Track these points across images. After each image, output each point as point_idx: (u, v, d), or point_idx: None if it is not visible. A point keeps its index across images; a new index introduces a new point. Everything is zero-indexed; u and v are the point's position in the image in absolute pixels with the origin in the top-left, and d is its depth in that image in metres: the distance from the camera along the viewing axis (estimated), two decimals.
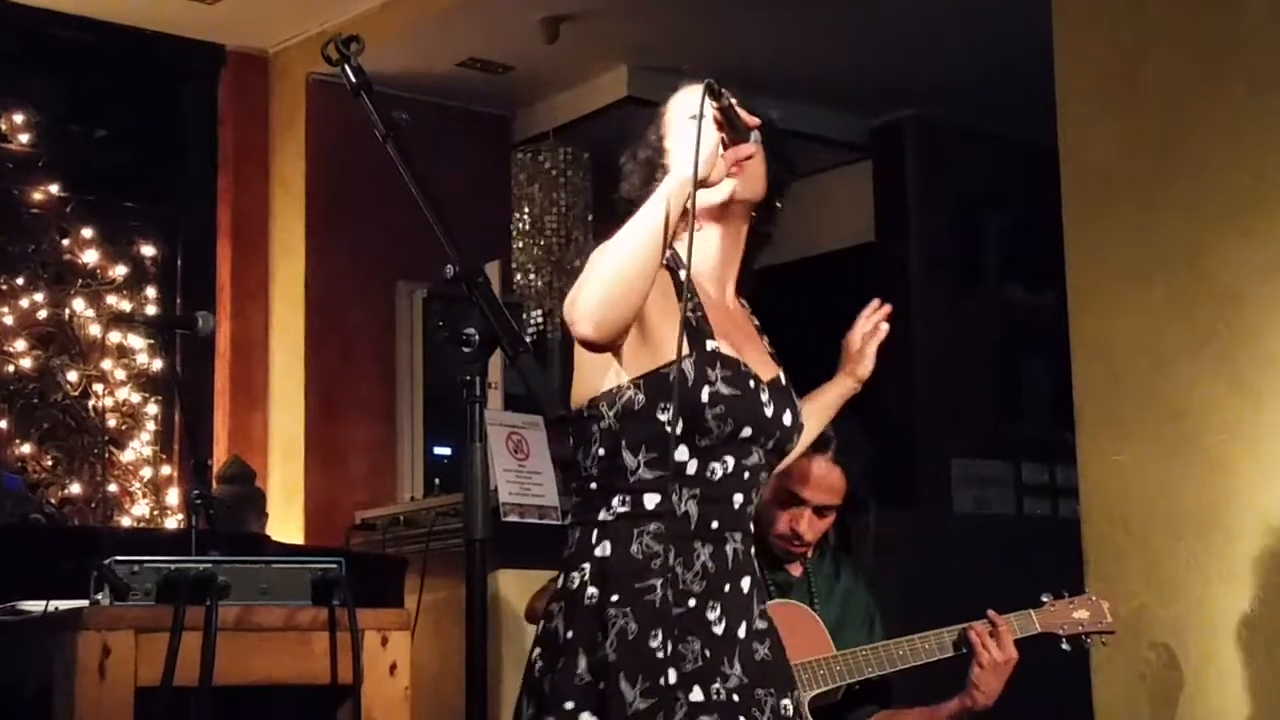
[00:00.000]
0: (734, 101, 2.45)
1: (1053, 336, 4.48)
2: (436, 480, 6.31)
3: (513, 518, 5.04)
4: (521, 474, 5.13)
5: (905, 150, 7.13)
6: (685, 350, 2.39)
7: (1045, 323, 5.34)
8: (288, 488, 6.40)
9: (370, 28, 5.98)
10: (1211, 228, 3.86)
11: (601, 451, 2.45)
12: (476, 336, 2.11)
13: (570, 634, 2.40)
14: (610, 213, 2.60)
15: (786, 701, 2.50)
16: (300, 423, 6.40)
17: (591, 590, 2.41)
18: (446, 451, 6.41)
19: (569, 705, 2.37)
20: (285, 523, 6.19)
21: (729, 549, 2.47)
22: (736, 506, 2.48)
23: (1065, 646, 3.48)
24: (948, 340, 7.02)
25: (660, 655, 2.37)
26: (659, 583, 2.40)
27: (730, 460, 2.46)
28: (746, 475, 2.49)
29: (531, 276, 6.52)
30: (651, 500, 2.42)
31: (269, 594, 2.94)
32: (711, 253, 2.55)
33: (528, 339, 2.25)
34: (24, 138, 6.17)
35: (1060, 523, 5.75)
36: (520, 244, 6.61)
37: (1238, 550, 3.73)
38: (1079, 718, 4.02)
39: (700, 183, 2.34)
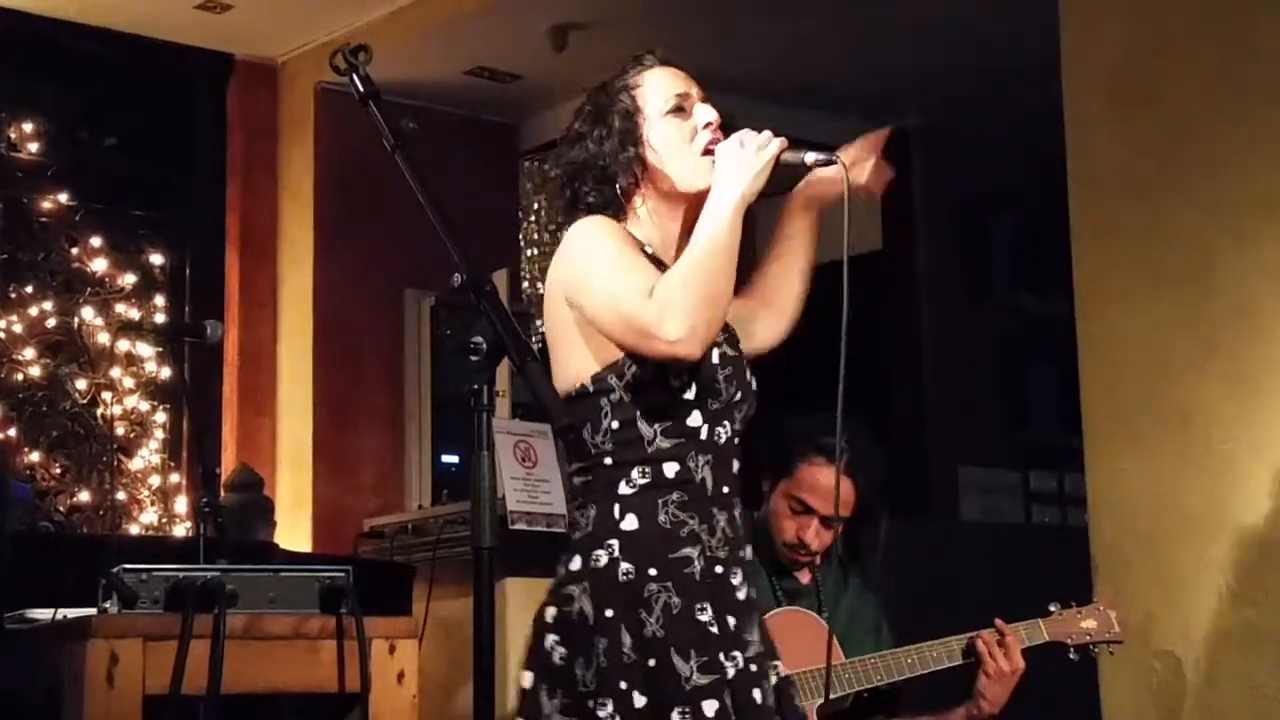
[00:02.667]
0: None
1: (1060, 343, 4.48)
2: (444, 488, 6.31)
3: (520, 525, 5.04)
4: (529, 482, 5.13)
5: (912, 157, 7.12)
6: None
7: (1053, 329, 5.32)
8: (296, 496, 6.40)
9: (378, 36, 5.98)
10: (1220, 234, 3.85)
11: (615, 424, 2.43)
12: (484, 345, 2.11)
13: (609, 612, 2.36)
14: (563, 180, 2.61)
15: (778, 668, 2.52)
16: (308, 431, 6.40)
17: (626, 566, 2.38)
18: (454, 459, 6.40)
19: (623, 685, 2.32)
20: (293, 531, 6.19)
21: (737, 514, 2.50)
22: (735, 471, 2.51)
23: (1073, 656, 3.48)
24: (955, 347, 7.01)
25: (713, 630, 2.37)
26: (694, 552, 2.40)
27: (728, 424, 2.49)
28: (738, 440, 2.51)
29: (539, 285, 6.53)
30: (671, 469, 2.42)
31: (277, 602, 2.94)
32: (675, 231, 2.56)
33: (535, 347, 2.24)
34: (33, 146, 6.18)
35: (1069, 530, 5.74)
36: (528, 252, 6.61)
37: (1246, 557, 3.72)
38: (1076, 712, 4.01)
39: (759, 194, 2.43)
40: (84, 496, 6.12)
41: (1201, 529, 3.81)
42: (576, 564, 2.42)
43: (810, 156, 2.48)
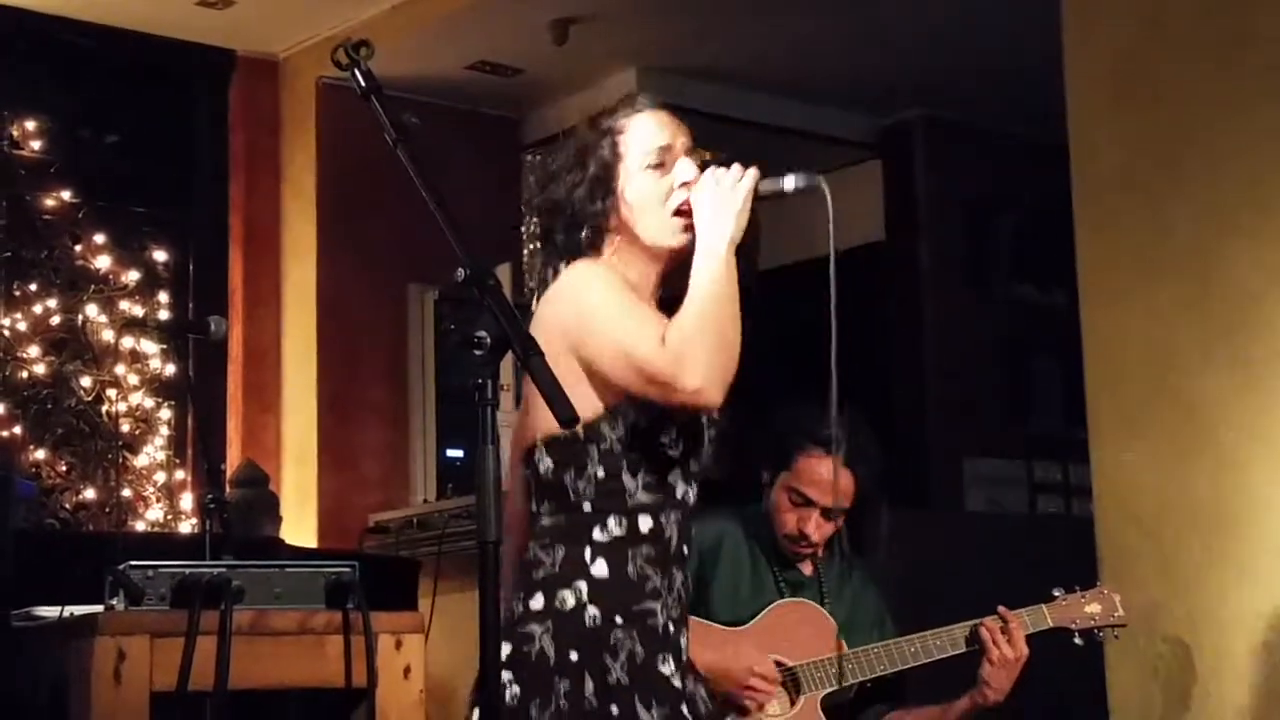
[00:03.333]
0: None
1: (1064, 335, 4.48)
2: (449, 483, 6.31)
3: None
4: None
5: (915, 150, 7.12)
6: None
7: (1056, 321, 5.33)
8: (301, 491, 6.41)
9: (380, 31, 5.98)
10: (1222, 225, 3.85)
11: (600, 473, 2.42)
12: (488, 339, 2.10)
13: (573, 655, 2.35)
14: (536, 215, 2.59)
15: None
16: (313, 426, 6.41)
17: (593, 611, 2.37)
18: (459, 454, 6.41)
19: None
20: (298, 526, 6.20)
21: (689, 574, 2.51)
22: (691, 533, 2.51)
23: (1078, 641, 3.47)
24: (959, 340, 7.01)
25: (676, 684, 2.38)
26: (657, 606, 2.41)
27: (694, 484, 2.50)
28: (693, 502, 2.51)
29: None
30: (646, 524, 2.42)
31: (283, 598, 2.95)
32: (649, 281, 2.52)
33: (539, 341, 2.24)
34: (36, 144, 6.19)
35: (1073, 521, 5.74)
36: (530, 246, 6.61)
37: (1250, 546, 3.73)
38: (1082, 711, 4.02)
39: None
40: (89, 494, 6.13)
41: (1206, 519, 3.81)
42: (538, 603, 2.39)
43: (789, 182, 2.44)
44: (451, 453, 6.44)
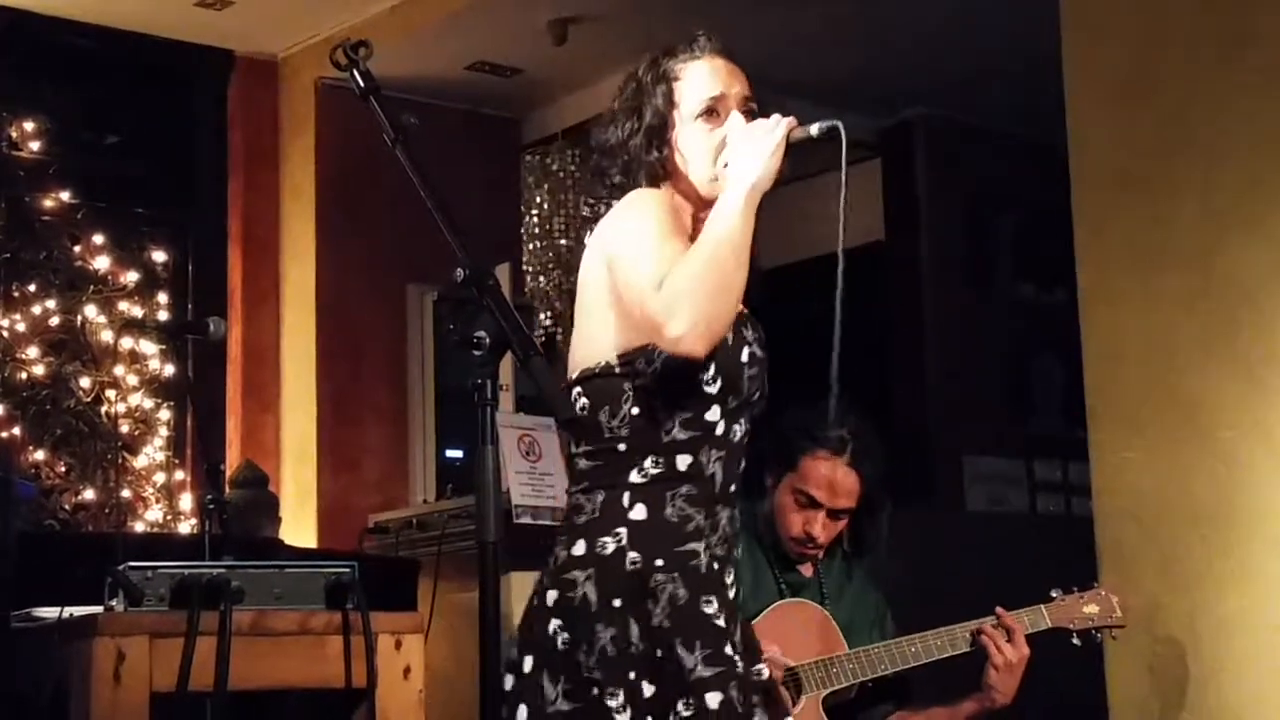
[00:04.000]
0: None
1: (1064, 334, 4.48)
2: (449, 483, 6.31)
3: (525, 519, 5.04)
4: (534, 476, 5.13)
5: (915, 149, 7.12)
6: None
7: (1056, 320, 5.32)
8: (300, 491, 6.40)
9: (379, 32, 5.98)
10: (1222, 223, 3.85)
11: (635, 410, 2.40)
12: (487, 339, 2.11)
13: (616, 602, 2.34)
14: (594, 154, 2.59)
15: (761, 672, 2.50)
16: (312, 426, 6.41)
17: (633, 555, 2.36)
18: (459, 454, 6.41)
19: (632, 675, 2.31)
20: (298, 526, 6.20)
21: (737, 512, 2.49)
22: (741, 469, 2.50)
23: (1076, 642, 3.48)
24: (959, 338, 7.01)
25: (719, 623, 2.37)
26: (700, 547, 2.39)
27: (743, 422, 2.48)
28: (748, 440, 2.50)
29: (541, 278, 6.53)
30: (684, 461, 2.41)
31: (283, 598, 2.94)
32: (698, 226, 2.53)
33: (538, 341, 2.24)
34: (35, 145, 6.19)
35: (1074, 520, 5.74)
36: (530, 246, 6.62)
37: (1251, 545, 3.72)
38: (1082, 710, 4.01)
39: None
40: (89, 494, 6.13)
41: (1206, 517, 3.80)
42: (580, 549, 2.39)
43: (815, 128, 2.45)
44: (451, 453, 6.44)
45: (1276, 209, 3.75)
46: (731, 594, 2.45)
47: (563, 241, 6.51)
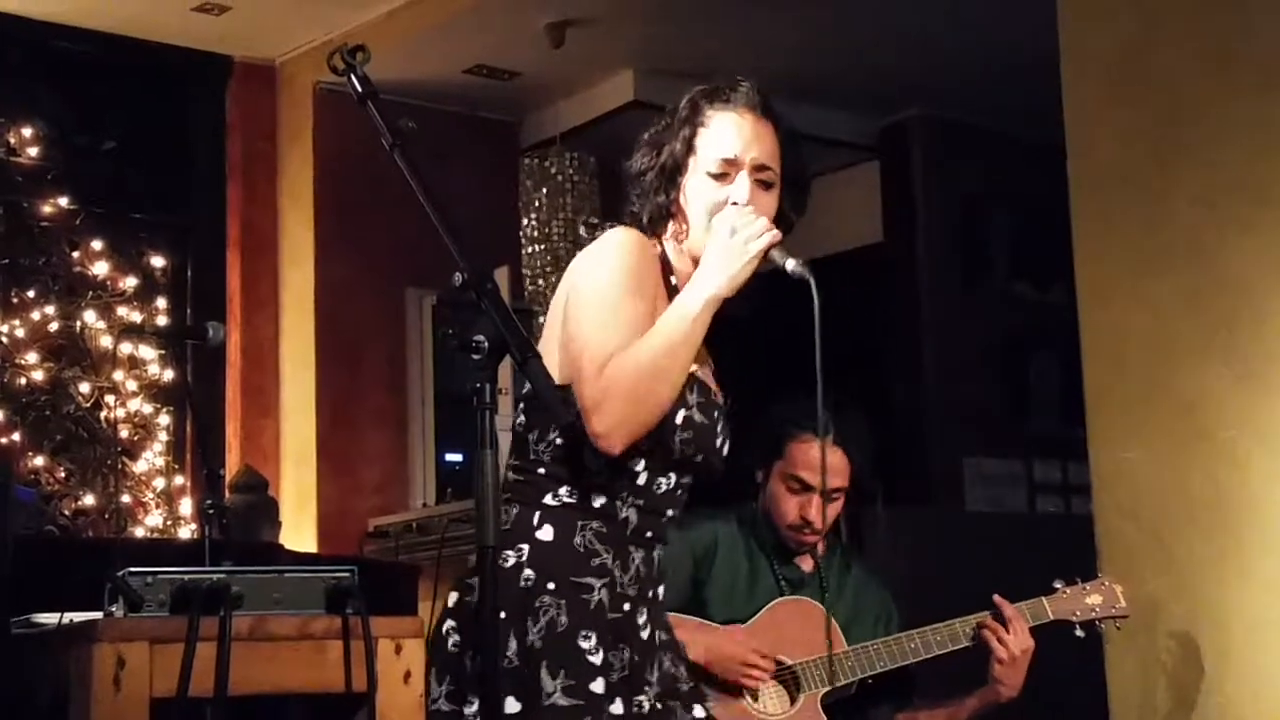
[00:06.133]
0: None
1: (1062, 333, 4.48)
2: (449, 487, 6.31)
3: None
4: None
5: (912, 150, 7.12)
6: None
7: (1054, 319, 5.32)
8: (300, 496, 6.40)
9: (376, 36, 5.98)
10: (1220, 221, 3.85)
11: (560, 442, 2.44)
12: (486, 343, 2.10)
13: (502, 614, 2.37)
14: (621, 200, 2.60)
15: (697, 711, 2.50)
16: (312, 431, 6.41)
17: (528, 573, 2.41)
18: (458, 458, 6.41)
19: (503, 689, 2.34)
20: (298, 531, 6.20)
21: (655, 555, 2.50)
22: (666, 519, 2.51)
23: (1079, 633, 3.46)
24: (957, 339, 7.02)
25: (591, 659, 2.38)
26: (598, 584, 2.41)
27: (674, 476, 2.49)
28: (680, 492, 2.52)
29: (540, 282, 6.53)
30: (597, 500, 2.44)
31: (283, 603, 2.94)
32: (687, 272, 2.53)
33: (537, 344, 2.24)
34: (33, 151, 6.19)
35: (1073, 519, 5.74)
36: (528, 249, 6.61)
37: (1250, 543, 3.73)
38: (1081, 704, 4.02)
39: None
40: (88, 500, 6.13)
41: (1205, 516, 3.81)
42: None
43: (791, 263, 2.43)
44: (450, 457, 6.44)
45: (1274, 208, 3.76)
46: (645, 634, 2.45)
47: (561, 245, 6.51)
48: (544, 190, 6.63)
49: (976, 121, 6.97)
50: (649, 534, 2.48)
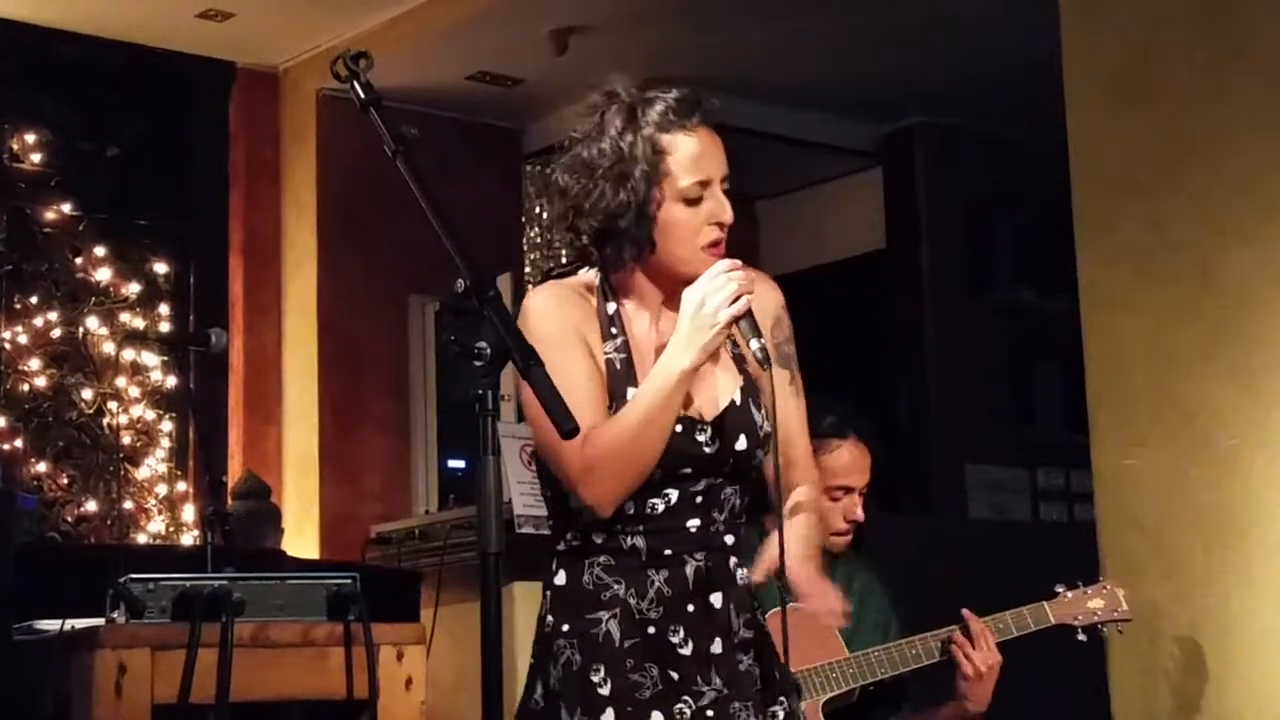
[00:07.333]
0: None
1: (1065, 340, 4.47)
2: (451, 494, 6.30)
3: (527, 530, 5.04)
4: (536, 486, 5.12)
5: (915, 156, 7.12)
6: (607, 402, 2.43)
7: (1058, 327, 5.32)
8: (303, 502, 6.40)
9: (379, 43, 5.99)
10: (1221, 229, 3.85)
11: (550, 493, 2.51)
12: (489, 350, 2.11)
13: (533, 659, 2.47)
14: (571, 231, 2.53)
15: (776, 709, 2.49)
16: (314, 437, 6.41)
17: (550, 618, 2.46)
18: (461, 465, 6.40)
19: None
20: (300, 537, 6.20)
21: (689, 569, 2.44)
22: (694, 529, 2.45)
23: (1081, 637, 3.45)
24: (961, 346, 7.01)
25: (601, 691, 2.40)
26: (605, 616, 2.42)
27: (673, 493, 2.45)
28: (700, 499, 2.46)
29: None
30: (599, 537, 2.45)
31: (285, 610, 2.94)
32: (658, 296, 2.51)
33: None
34: (36, 157, 6.19)
35: (1076, 527, 5.73)
36: (531, 256, 6.62)
37: (1252, 551, 3.72)
38: (1085, 709, 4.01)
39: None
40: (91, 506, 6.12)
41: (1208, 524, 3.80)
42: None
43: (755, 344, 2.39)
44: (453, 463, 6.43)
45: (1277, 215, 3.75)
46: (687, 650, 2.43)
47: (564, 252, 6.51)
48: (546, 197, 6.62)
49: (979, 128, 6.97)
50: (668, 552, 2.45)
